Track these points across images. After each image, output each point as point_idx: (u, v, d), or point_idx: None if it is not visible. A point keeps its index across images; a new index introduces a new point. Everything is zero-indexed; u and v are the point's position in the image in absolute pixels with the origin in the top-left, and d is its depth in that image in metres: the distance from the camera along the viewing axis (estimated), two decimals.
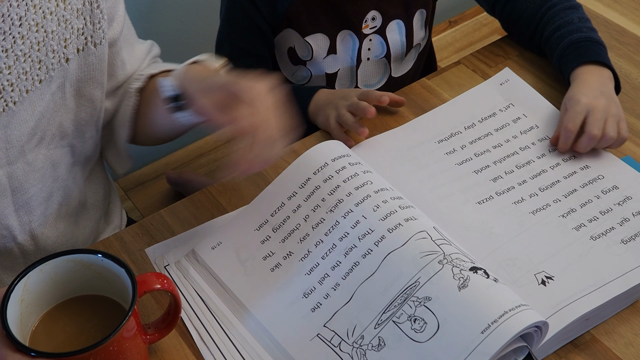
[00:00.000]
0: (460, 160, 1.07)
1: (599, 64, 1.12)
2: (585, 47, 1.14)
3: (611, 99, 1.09)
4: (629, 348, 0.89)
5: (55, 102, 1.00)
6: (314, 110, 1.19)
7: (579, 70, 1.13)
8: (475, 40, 2.37)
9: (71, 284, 0.86)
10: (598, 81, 1.11)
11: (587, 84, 1.10)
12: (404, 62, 1.33)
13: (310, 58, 1.28)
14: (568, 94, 1.10)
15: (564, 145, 1.06)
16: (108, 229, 1.23)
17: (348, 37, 1.28)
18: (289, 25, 1.27)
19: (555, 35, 1.18)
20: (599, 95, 1.08)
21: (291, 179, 0.99)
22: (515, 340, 0.83)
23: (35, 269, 0.83)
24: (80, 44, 0.99)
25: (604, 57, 1.14)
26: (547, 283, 0.91)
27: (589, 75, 1.11)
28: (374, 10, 1.27)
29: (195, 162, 2.08)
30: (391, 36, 1.29)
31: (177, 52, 1.96)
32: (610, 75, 1.12)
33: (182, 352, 0.91)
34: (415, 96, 1.19)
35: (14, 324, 0.80)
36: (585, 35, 1.16)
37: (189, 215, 1.05)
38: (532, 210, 1.00)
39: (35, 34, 0.94)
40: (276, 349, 0.89)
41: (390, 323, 0.86)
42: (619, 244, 0.96)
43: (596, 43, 1.15)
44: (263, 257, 0.96)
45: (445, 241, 0.89)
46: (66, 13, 0.96)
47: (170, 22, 1.91)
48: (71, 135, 1.05)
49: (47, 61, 0.96)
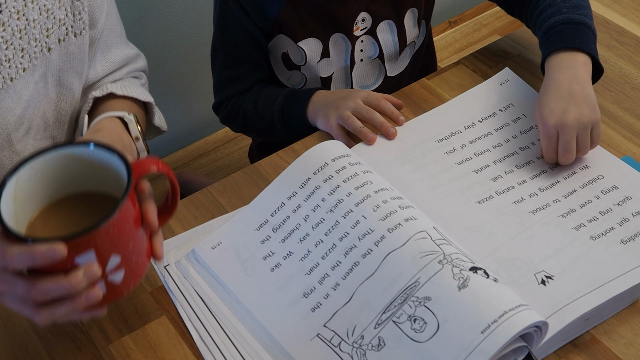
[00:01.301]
0: (460, 160, 1.07)
1: (573, 50, 1.05)
2: (558, 32, 1.07)
3: (582, 100, 1.01)
4: (629, 348, 0.89)
5: (38, 91, 1.00)
6: (312, 111, 1.19)
7: (549, 63, 1.06)
8: (475, 41, 2.37)
9: (64, 180, 0.83)
10: (567, 77, 1.03)
11: (555, 87, 1.03)
12: (399, 61, 1.33)
13: (304, 63, 1.28)
14: (537, 106, 1.04)
15: (550, 162, 1.05)
16: None
17: (340, 40, 1.27)
18: (281, 31, 1.26)
19: (538, 21, 1.12)
20: (568, 103, 1.01)
21: (291, 179, 0.99)
22: (515, 340, 0.83)
23: (25, 166, 0.81)
24: (62, 34, 1.00)
25: (579, 40, 1.05)
26: (546, 283, 0.92)
27: (558, 71, 1.04)
28: (363, 12, 1.26)
29: (195, 162, 2.08)
30: (382, 36, 1.29)
31: (177, 52, 1.96)
32: (586, 60, 1.04)
33: (182, 352, 0.91)
34: (415, 96, 1.19)
35: (10, 220, 0.78)
36: (563, 17, 1.08)
37: (189, 215, 1.05)
38: (532, 210, 1.00)
39: (16, 22, 0.94)
40: (276, 349, 0.90)
41: (390, 323, 0.86)
42: (619, 244, 0.96)
43: (573, 24, 1.07)
44: (263, 257, 0.96)
45: (445, 241, 0.89)
46: (47, 3, 0.97)
47: (170, 22, 1.91)
48: (52, 126, 1.05)
49: (30, 49, 0.97)
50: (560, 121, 1.00)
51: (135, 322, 0.94)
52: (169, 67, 1.98)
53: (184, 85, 2.03)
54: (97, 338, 0.93)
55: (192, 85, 2.03)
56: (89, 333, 0.94)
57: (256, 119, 1.28)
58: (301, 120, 1.20)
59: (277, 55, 1.30)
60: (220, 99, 1.33)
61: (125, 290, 0.82)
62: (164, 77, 1.98)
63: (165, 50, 1.94)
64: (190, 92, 2.05)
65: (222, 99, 1.33)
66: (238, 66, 1.29)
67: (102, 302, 0.80)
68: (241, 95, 1.31)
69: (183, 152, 2.10)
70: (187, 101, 2.06)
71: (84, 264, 0.76)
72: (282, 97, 1.25)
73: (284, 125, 1.24)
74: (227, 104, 1.32)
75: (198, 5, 1.91)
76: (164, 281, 0.97)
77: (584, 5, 1.11)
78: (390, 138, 1.10)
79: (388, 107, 1.13)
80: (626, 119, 1.13)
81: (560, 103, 1.01)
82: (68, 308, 0.77)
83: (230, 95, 1.31)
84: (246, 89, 1.30)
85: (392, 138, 1.10)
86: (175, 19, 1.91)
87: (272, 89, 1.29)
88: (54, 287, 0.75)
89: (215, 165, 2.07)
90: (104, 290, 0.80)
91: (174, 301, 0.96)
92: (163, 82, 1.99)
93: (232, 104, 1.31)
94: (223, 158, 2.09)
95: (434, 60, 1.46)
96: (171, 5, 1.89)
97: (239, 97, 1.31)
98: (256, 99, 1.28)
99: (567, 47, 1.05)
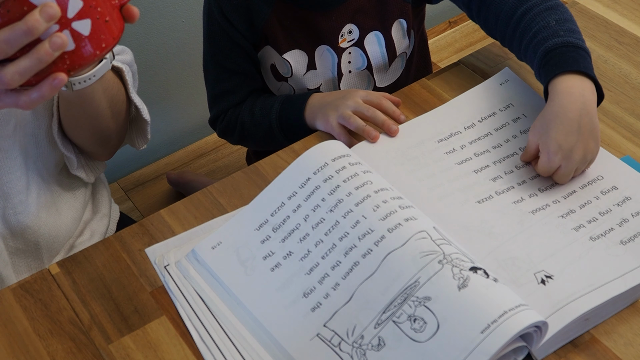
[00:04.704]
0: (460, 160, 1.07)
1: (578, 73, 1.02)
2: (560, 54, 1.04)
3: (589, 134, 0.99)
4: (629, 348, 0.89)
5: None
6: (310, 114, 1.19)
7: (555, 86, 1.02)
8: (475, 41, 2.37)
9: None
10: (577, 107, 0.99)
11: (564, 117, 0.99)
12: (390, 72, 1.32)
13: (290, 75, 1.28)
14: (542, 131, 1.00)
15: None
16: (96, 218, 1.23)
17: (326, 52, 1.27)
18: (267, 43, 1.26)
19: (532, 43, 1.07)
20: (577, 139, 0.98)
21: (291, 178, 0.99)
22: (515, 340, 0.83)
23: None
24: None
25: (582, 64, 1.02)
26: (546, 282, 0.92)
27: (567, 98, 1.00)
28: (349, 24, 1.25)
29: (195, 162, 2.08)
30: (370, 48, 1.28)
31: (177, 52, 1.96)
32: (592, 86, 1.02)
33: (182, 352, 0.91)
34: (415, 96, 1.19)
35: None
36: (562, 40, 1.05)
37: (189, 215, 1.05)
38: (532, 210, 1.00)
39: None
40: (276, 348, 0.90)
41: (390, 323, 0.86)
42: (618, 245, 0.96)
43: (573, 47, 1.04)
44: (263, 257, 0.96)
45: (445, 241, 0.89)
46: None
47: (170, 22, 1.91)
48: (31, 123, 1.05)
49: None
50: (566, 158, 0.99)
51: (135, 322, 0.94)
52: (169, 68, 1.98)
53: (184, 85, 2.03)
54: (97, 338, 0.93)
55: (192, 86, 2.03)
56: (89, 333, 0.94)
57: (254, 129, 1.28)
58: (299, 124, 1.20)
59: (266, 66, 1.30)
60: (216, 112, 1.33)
61: (97, 48, 0.77)
62: (164, 77, 1.98)
63: (165, 51, 1.94)
64: (191, 93, 2.05)
65: (217, 112, 1.32)
66: (230, 78, 1.29)
67: (74, 60, 0.76)
68: (236, 107, 1.30)
69: (183, 152, 2.10)
70: (187, 101, 2.06)
71: (41, 4, 0.72)
72: (278, 104, 1.24)
73: (283, 131, 1.24)
74: (223, 117, 1.32)
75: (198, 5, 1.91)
76: (164, 281, 0.97)
77: (577, 30, 1.08)
78: (392, 135, 1.10)
79: (389, 106, 1.13)
80: (626, 119, 1.13)
81: (569, 139, 0.98)
82: (33, 59, 0.73)
83: (225, 108, 1.31)
84: (241, 100, 1.30)
85: (394, 135, 1.10)
86: (175, 19, 1.91)
87: (267, 97, 1.29)
88: (12, 34, 0.71)
89: (215, 165, 2.07)
90: (71, 42, 0.75)
91: (174, 301, 0.96)
92: (163, 82, 1.99)
93: (228, 116, 1.31)
94: (223, 158, 2.09)
95: (429, 69, 1.44)
96: (171, 5, 1.89)
97: (234, 109, 1.30)
98: (252, 108, 1.28)
99: (572, 70, 1.02)
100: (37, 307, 0.96)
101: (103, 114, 1.06)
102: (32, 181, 1.09)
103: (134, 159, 2.04)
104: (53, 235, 1.14)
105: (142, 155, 2.04)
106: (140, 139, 1.19)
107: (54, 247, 1.16)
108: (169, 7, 1.88)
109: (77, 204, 1.19)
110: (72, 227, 1.18)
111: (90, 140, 1.12)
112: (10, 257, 1.12)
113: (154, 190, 2.02)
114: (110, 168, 1.40)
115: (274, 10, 1.23)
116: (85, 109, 1.04)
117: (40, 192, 1.11)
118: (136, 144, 1.20)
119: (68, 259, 1.01)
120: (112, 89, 1.06)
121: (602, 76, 1.20)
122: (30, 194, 1.09)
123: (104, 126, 1.09)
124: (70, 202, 1.17)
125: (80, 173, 1.16)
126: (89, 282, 0.99)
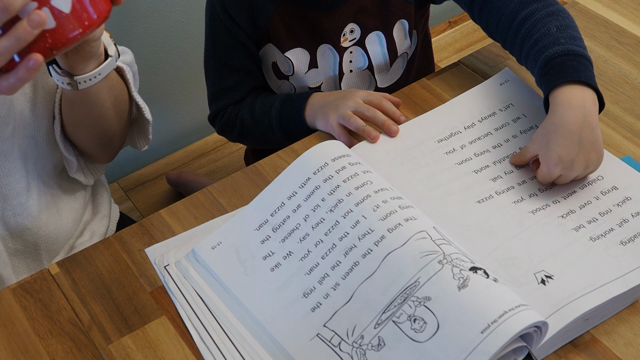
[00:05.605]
0: (460, 160, 1.07)
1: (579, 83, 1.00)
2: (561, 63, 1.02)
3: (591, 146, 0.98)
4: (629, 348, 0.89)
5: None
6: (311, 113, 1.19)
7: (557, 97, 1.00)
8: (475, 41, 2.37)
9: None
10: (579, 120, 0.97)
11: (566, 130, 0.97)
12: (392, 71, 1.32)
13: (292, 73, 1.28)
14: (543, 143, 0.99)
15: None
16: (96, 218, 1.23)
17: (328, 51, 1.27)
18: (269, 41, 1.26)
19: (533, 51, 1.06)
20: (578, 152, 0.97)
21: (291, 178, 0.99)
22: (515, 340, 0.83)
23: None
24: None
25: (584, 74, 1.01)
26: (546, 282, 0.92)
27: (569, 110, 0.98)
28: (351, 23, 1.25)
29: (195, 162, 2.08)
30: (371, 48, 1.28)
31: (177, 52, 1.96)
32: (593, 97, 1.00)
33: (182, 352, 0.91)
34: (415, 96, 1.19)
35: None
36: (563, 48, 1.03)
37: (189, 215, 1.05)
38: (532, 210, 1.00)
39: None
40: (276, 348, 0.90)
41: (390, 323, 0.86)
42: (618, 245, 0.96)
43: (574, 56, 1.02)
44: (263, 257, 0.96)
45: (445, 241, 0.89)
46: None
47: (170, 22, 1.91)
48: (31, 125, 1.05)
49: None
50: (566, 169, 0.98)
51: (135, 322, 0.94)
52: (169, 68, 1.98)
53: (184, 85, 2.03)
54: (97, 338, 0.93)
55: (192, 86, 2.03)
56: (88, 333, 0.94)
57: (254, 127, 1.28)
58: (299, 123, 1.20)
59: (267, 64, 1.30)
60: (216, 109, 1.33)
61: (80, 27, 0.76)
62: (164, 77, 1.98)
63: (165, 51, 1.94)
64: (190, 93, 2.05)
65: (217, 109, 1.32)
66: (231, 75, 1.29)
67: (56, 38, 0.75)
68: (236, 105, 1.30)
69: (183, 152, 2.10)
70: (187, 101, 2.06)
71: None
72: (278, 103, 1.24)
73: (282, 130, 1.24)
74: (222, 114, 1.32)
75: (198, 5, 1.91)
76: (164, 281, 0.97)
77: (579, 37, 1.06)
78: (393, 135, 1.10)
79: (389, 107, 1.13)
80: (626, 119, 1.13)
81: (570, 151, 0.97)
82: (12, 38, 0.72)
83: (225, 105, 1.31)
84: (241, 98, 1.30)
85: (394, 135, 1.10)
86: (175, 19, 1.91)
87: (267, 95, 1.29)
88: None
89: (215, 165, 2.07)
90: (51, 20, 0.74)
91: (174, 301, 0.96)
92: (163, 82, 1.99)
93: (228, 113, 1.31)
94: (223, 158, 2.09)
95: (431, 71, 1.44)
96: (171, 5, 1.89)
97: (234, 107, 1.30)
98: (252, 106, 1.28)
99: (573, 80, 1.00)
100: (37, 307, 0.96)
101: (107, 114, 1.06)
102: (33, 183, 1.09)
103: (133, 159, 2.04)
104: (53, 236, 1.14)
105: (141, 156, 2.04)
106: (142, 140, 1.19)
107: (53, 249, 1.16)
108: (169, 7, 1.88)
109: (77, 206, 1.19)
110: (72, 228, 1.18)
111: (93, 142, 1.12)
112: (9, 258, 1.12)
113: (154, 191, 2.02)
114: (110, 168, 1.40)
115: (277, 9, 1.23)
116: (90, 109, 1.04)
117: (41, 194, 1.11)
118: (138, 145, 1.20)
119: (68, 259, 1.01)
120: (116, 88, 1.06)
121: (602, 76, 1.20)
122: (31, 196, 1.09)
123: (107, 127, 1.09)
124: (70, 203, 1.17)
125: (79, 176, 1.16)
126: (88, 282, 0.99)
